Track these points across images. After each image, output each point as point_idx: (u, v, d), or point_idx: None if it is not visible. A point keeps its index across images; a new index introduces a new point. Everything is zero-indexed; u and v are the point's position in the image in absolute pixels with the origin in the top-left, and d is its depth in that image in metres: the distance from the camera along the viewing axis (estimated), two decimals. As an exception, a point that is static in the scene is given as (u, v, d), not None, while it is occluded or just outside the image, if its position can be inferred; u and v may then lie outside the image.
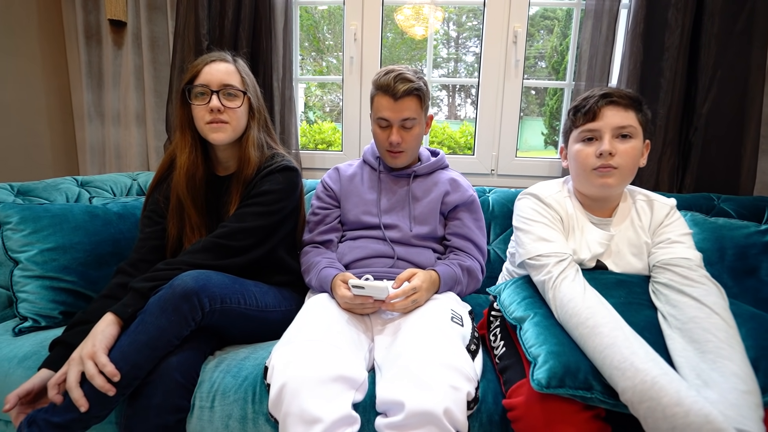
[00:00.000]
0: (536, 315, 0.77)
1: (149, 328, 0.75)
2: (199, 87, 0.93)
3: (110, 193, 1.39)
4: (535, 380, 0.65)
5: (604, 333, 0.65)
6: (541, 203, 0.89)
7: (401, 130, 1.02)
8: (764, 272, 1.07)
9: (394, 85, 0.97)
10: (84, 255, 1.06)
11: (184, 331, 0.78)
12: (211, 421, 0.80)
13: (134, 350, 0.74)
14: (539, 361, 0.67)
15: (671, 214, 0.87)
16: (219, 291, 0.82)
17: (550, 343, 0.68)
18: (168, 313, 0.76)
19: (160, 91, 1.63)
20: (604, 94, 0.84)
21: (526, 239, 0.87)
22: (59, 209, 1.08)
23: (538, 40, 6.66)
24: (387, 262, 1.04)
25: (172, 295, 0.77)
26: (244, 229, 0.92)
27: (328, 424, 0.66)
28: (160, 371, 0.75)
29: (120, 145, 1.70)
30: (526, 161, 1.64)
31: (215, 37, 1.52)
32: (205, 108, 0.93)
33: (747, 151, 1.38)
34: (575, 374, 0.64)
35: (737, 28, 1.34)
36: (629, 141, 0.83)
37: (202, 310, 0.79)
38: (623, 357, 0.61)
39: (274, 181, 0.97)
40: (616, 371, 0.61)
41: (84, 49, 1.63)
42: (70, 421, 0.70)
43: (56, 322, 1.01)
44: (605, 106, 0.84)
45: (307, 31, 3.67)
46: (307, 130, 3.45)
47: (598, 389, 0.63)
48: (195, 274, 0.80)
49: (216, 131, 0.94)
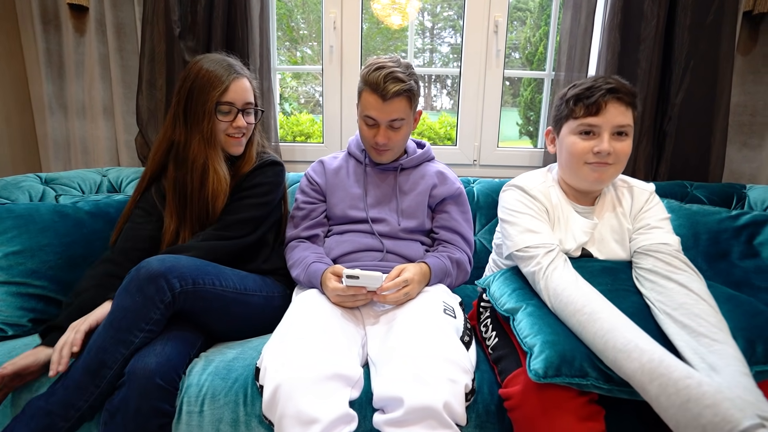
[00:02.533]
0: (528, 305, 0.78)
1: (114, 309, 0.77)
2: (226, 105, 0.97)
3: (78, 190, 1.30)
4: (532, 370, 0.65)
5: (604, 318, 0.66)
6: (527, 195, 0.90)
7: (388, 130, 0.99)
8: (735, 255, 1.12)
9: (384, 85, 0.92)
10: (54, 258, 0.99)
11: (151, 313, 0.77)
12: (200, 426, 0.77)
13: (101, 332, 0.75)
14: (535, 351, 0.68)
15: (650, 200, 0.89)
16: (189, 272, 0.81)
17: (545, 333, 0.69)
18: (132, 294, 0.76)
19: (128, 82, 1.54)
20: (612, 89, 0.81)
21: (513, 231, 0.87)
22: (24, 209, 1.01)
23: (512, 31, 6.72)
24: (376, 255, 1.03)
25: (137, 277, 0.77)
26: (239, 220, 0.98)
27: (326, 424, 0.64)
28: (137, 373, 0.72)
29: (86, 139, 1.60)
30: (507, 151, 1.65)
31: (187, 24, 1.44)
32: (229, 124, 0.99)
33: (716, 139, 1.44)
34: (571, 362, 0.65)
35: (708, 20, 1.38)
36: (625, 139, 0.84)
37: (172, 291, 0.78)
38: (627, 339, 0.62)
39: (264, 175, 1.04)
40: (620, 354, 0.62)
41: (41, 36, 1.51)
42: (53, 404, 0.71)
43: (25, 330, 0.95)
44: (611, 102, 0.81)
45: (280, 20, 3.56)
46: (284, 122, 3.36)
47: (593, 376, 0.65)
48: (162, 257, 0.81)
49: (236, 145, 1.02)
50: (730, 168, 1.54)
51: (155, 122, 1.49)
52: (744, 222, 1.13)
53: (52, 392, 0.73)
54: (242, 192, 1.02)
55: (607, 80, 0.83)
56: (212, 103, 0.95)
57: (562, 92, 0.90)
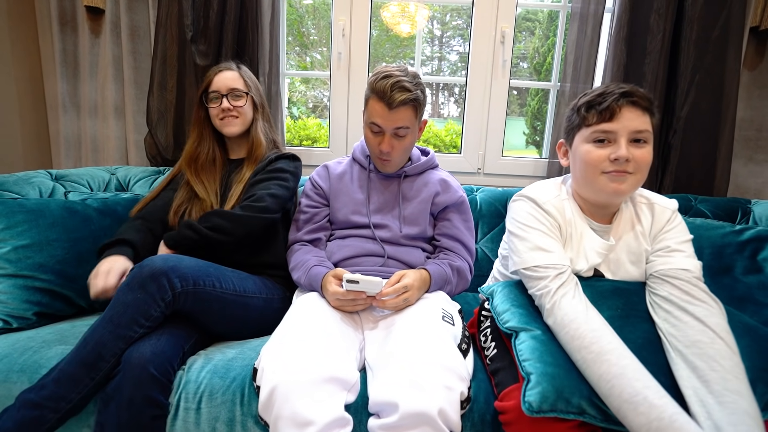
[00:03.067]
0: (533, 329, 0.74)
1: (115, 304, 0.78)
2: (212, 93, 1.15)
3: (87, 187, 1.33)
4: (526, 402, 0.63)
5: (612, 361, 0.63)
6: (539, 208, 0.83)
7: (393, 138, 0.99)
8: (738, 270, 1.11)
9: (390, 93, 0.93)
10: (62, 252, 1.01)
11: (152, 310, 0.78)
12: (197, 424, 0.78)
13: (100, 325, 0.76)
14: (532, 381, 0.65)
15: (672, 219, 0.83)
16: (191, 272, 0.83)
17: (545, 363, 0.66)
18: (134, 291, 0.78)
19: (140, 83, 1.57)
20: (625, 93, 0.76)
21: (522, 247, 0.81)
22: (35, 204, 1.03)
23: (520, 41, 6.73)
24: (377, 261, 1.04)
25: (140, 274, 0.79)
26: (270, 194, 1.05)
27: (321, 426, 0.65)
28: (131, 362, 0.74)
29: (97, 138, 1.63)
30: (512, 160, 1.66)
31: (199, 28, 1.47)
32: (218, 108, 1.14)
33: (722, 153, 1.44)
34: (568, 399, 0.63)
35: (714, 35, 1.39)
36: (644, 146, 0.77)
37: (173, 291, 0.79)
38: (635, 390, 0.59)
39: (286, 163, 1.14)
40: (627, 405, 0.59)
41: (58, 37, 1.55)
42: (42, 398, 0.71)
43: (29, 323, 0.96)
44: (625, 106, 0.76)
45: (291, 26, 3.61)
46: (291, 125, 3.40)
47: (590, 414, 0.63)
48: (165, 257, 0.83)
49: (228, 125, 1.15)
50: (736, 183, 1.53)
51: (164, 123, 1.52)
52: (748, 237, 1.12)
53: (43, 386, 0.73)
54: (267, 174, 1.11)
55: (619, 85, 0.78)
56: (201, 92, 1.17)
57: (572, 103, 0.85)
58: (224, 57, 1.48)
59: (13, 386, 0.81)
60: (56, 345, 0.87)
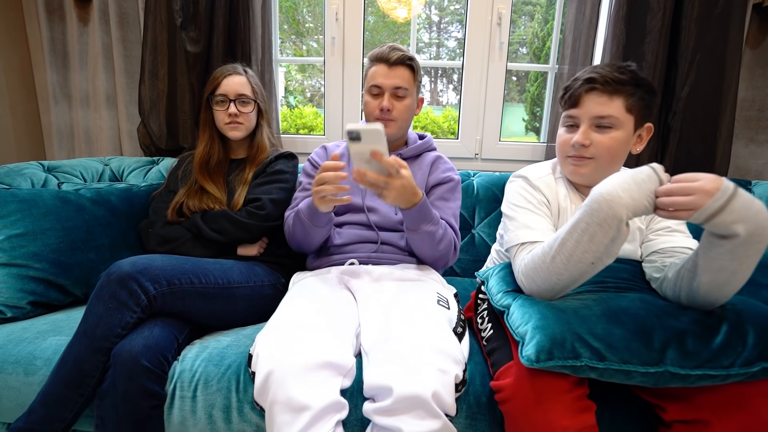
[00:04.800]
0: (519, 297, 0.76)
1: (87, 316, 0.76)
2: (219, 96, 1.14)
3: (80, 178, 1.31)
4: (524, 357, 0.64)
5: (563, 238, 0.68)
6: (530, 185, 0.87)
7: (393, 98, 1.03)
8: (737, 252, 1.10)
9: (388, 53, 1.01)
10: (56, 241, 1.01)
11: (127, 317, 0.76)
12: (193, 411, 0.78)
13: (75, 340, 0.75)
14: (526, 338, 0.66)
15: None
16: (163, 273, 0.81)
17: (534, 319, 0.67)
18: (104, 300, 0.76)
19: (131, 71, 1.54)
20: (588, 78, 0.79)
21: (511, 226, 0.84)
22: (27, 194, 1.02)
23: (520, 26, 6.64)
24: (371, 247, 1.03)
25: (108, 282, 0.77)
26: (272, 199, 1.08)
27: (316, 411, 0.65)
28: (123, 356, 0.73)
29: (90, 128, 1.61)
30: (509, 145, 1.64)
31: (189, 14, 1.44)
32: (224, 113, 1.14)
33: (722, 135, 1.41)
34: (562, 344, 0.63)
35: (716, 12, 1.35)
36: (608, 132, 0.79)
37: (146, 294, 0.77)
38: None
39: (285, 164, 1.16)
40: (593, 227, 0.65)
41: (46, 25, 1.53)
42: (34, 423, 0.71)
43: (24, 312, 0.96)
44: (586, 93, 0.79)
45: (286, 13, 3.55)
46: (288, 114, 3.37)
47: (586, 355, 0.63)
48: (133, 259, 0.80)
49: (233, 130, 1.15)
50: (737, 164, 1.51)
51: (157, 112, 1.50)
52: (747, 218, 1.11)
53: (31, 411, 0.72)
54: (268, 176, 1.13)
55: (594, 70, 0.80)
56: (208, 94, 1.16)
57: None
58: (215, 44, 1.46)
59: (8, 377, 0.81)
60: (51, 336, 0.87)
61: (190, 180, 1.15)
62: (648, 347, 0.63)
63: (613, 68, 0.79)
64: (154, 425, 0.75)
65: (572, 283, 0.71)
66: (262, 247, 1.11)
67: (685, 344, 0.63)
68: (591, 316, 0.67)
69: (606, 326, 0.65)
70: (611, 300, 0.71)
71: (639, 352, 0.63)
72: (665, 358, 0.63)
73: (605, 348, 0.63)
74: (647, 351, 0.63)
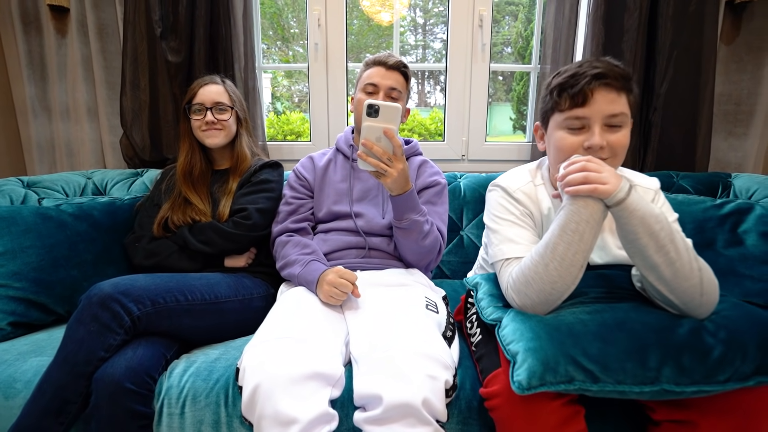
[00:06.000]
0: (512, 311, 0.73)
1: (67, 342, 0.73)
2: (196, 105, 1.14)
3: (62, 193, 1.29)
4: (515, 382, 0.62)
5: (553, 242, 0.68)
6: (509, 197, 0.83)
7: (387, 99, 1.05)
8: (720, 244, 1.12)
9: (387, 57, 1.07)
10: (37, 259, 0.98)
11: (110, 340, 0.74)
12: (182, 428, 0.77)
13: (54, 368, 0.72)
14: (518, 360, 0.64)
15: (656, 200, 0.81)
16: (147, 293, 0.79)
17: (526, 339, 0.65)
18: (86, 324, 0.73)
19: (112, 83, 1.52)
20: (598, 74, 0.71)
21: (495, 239, 0.81)
22: (6, 211, 1.00)
23: (504, 27, 6.69)
24: (359, 252, 1.03)
25: (89, 304, 0.74)
26: (258, 209, 1.07)
27: (305, 424, 0.64)
28: (105, 381, 0.71)
29: (71, 141, 1.58)
30: (495, 146, 1.65)
31: (169, 23, 1.43)
32: (201, 121, 1.13)
33: (702, 129, 1.44)
34: (555, 369, 0.61)
35: (690, 10, 1.38)
36: (620, 130, 0.73)
37: (129, 315, 0.76)
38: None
39: (270, 173, 1.16)
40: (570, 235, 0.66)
41: (22, 38, 1.50)
42: None
43: (5, 333, 0.94)
44: (598, 89, 0.71)
45: (270, 19, 3.53)
46: (275, 121, 3.35)
47: (579, 378, 0.61)
48: (116, 280, 0.79)
49: (210, 137, 1.14)
50: (717, 157, 1.54)
51: (140, 123, 1.48)
52: (728, 210, 1.13)
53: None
54: (253, 186, 1.12)
55: (593, 64, 0.73)
56: (185, 103, 1.16)
57: (546, 81, 0.80)
58: (197, 53, 1.44)
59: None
60: (31, 357, 0.85)
61: (174, 193, 1.13)
62: (644, 366, 0.61)
63: (610, 63, 0.73)
64: None
65: (565, 291, 0.69)
66: (250, 258, 1.10)
67: (682, 360, 0.61)
68: (585, 334, 0.65)
69: (601, 345, 0.63)
70: (605, 313, 0.69)
71: (634, 372, 0.61)
72: (661, 377, 0.61)
73: (600, 370, 0.61)
74: (643, 370, 0.61)
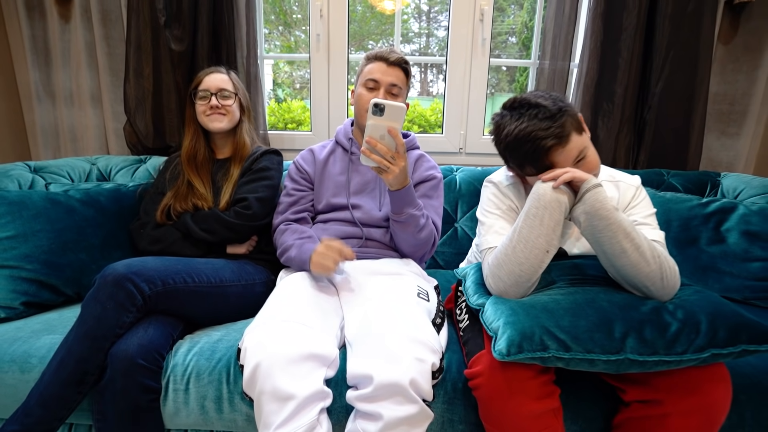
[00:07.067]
0: (494, 296, 0.80)
1: (87, 319, 0.78)
2: (201, 92, 1.18)
3: (67, 178, 1.33)
4: (496, 351, 0.68)
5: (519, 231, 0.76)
6: (499, 192, 0.90)
7: (387, 95, 1.07)
8: (703, 241, 1.16)
9: (388, 53, 1.08)
10: (47, 242, 1.03)
11: (124, 317, 0.79)
12: (186, 403, 0.82)
13: (75, 342, 0.77)
14: (498, 334, 0.71)
15: (637, 195, 0.87)
16: (157, 274, 0.84)
17: (505, 315, 0.72)
18: (102, 302, 0.78)
19: (115, 69, 1.54)
20: (555, 135, 0.75)
21: (482, 230, 0.89)
22: (17, 196, 1.04)
23: (509, 15, 6.61)
24: (356, 242, 1.07)
25: (104, 284, 0.79)
26: (258, 198, 1.11)
27: (301, 399, 0.69)
28: (119, 356, 0.76)
29: (75, 127, 1.61)
30: (492, 140, 1.67)
31: (172, 12, 1.44)
32: (206, 105, 1.18)
33: (695, 128, 1.47)
34: (531, 338, 0.68)
35: (689, 10, 1.39)
36: (588, 157, 0.79)
37: (142, 294, 0.81)
38: None
39: (270, 161, 1.19)
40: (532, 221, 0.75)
41: (26, 23, 1.51)
42: (31, 425, 0.74)
43: (17, 312, 0.98)
44: (556, 148, 0.76)
45: (273, 4, 3.51)
46: (276, 108, 3.35)
47: (552, 347, 0.67)
48: (128, 261, 0.84)
49: (214, 121, 1.18)
50: (709, 156, 1.57)
51: (143, 110, 1.51)
52: (713, 209, 1.17)
53: (27, 413, 0.74)
54: (253, 174, 1.15)
55: (534, 132, 0.76)
56: (191, 90, 1.20)
57: (496, 141, 0.84)
58: (200, 42, 1.46)
59: (4, 375, 0.84)
60: (44, 335, 0.90)
61: (177, 181, 1.17)
62: (609, 337, 0.68)
63: (545, 116, 0.76)
64: (152, 416, 0.80)
65: (532, 274, 0.75)
66: (251, 245, 1.14)
67: (644, 333, 0.68)
68: (558, 310, 0.72)
69: (572, 319, 0.70)
70: (577, 294, 0.76)
71: (601, 342, 0.68)
72: (625, 347, 0.67)
73: (571, 339, 0.68)
74: (609, 341, 0.68)
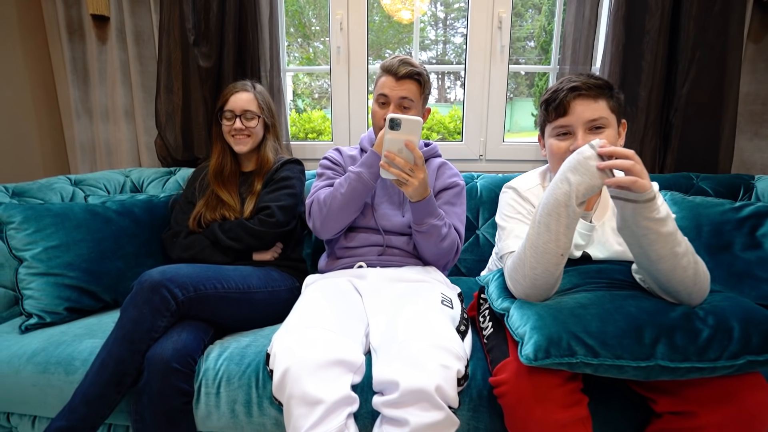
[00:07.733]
0: (518, 300, 0.79)
1: (125, 323, 0.83)
2: (227, 112, 1.22)
3: (104, 190, 1.40)
4: (523, 356, 0.68)
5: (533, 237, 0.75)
6: (519, 197, 0.92)
7: (398, 109, 1.07)
8: (737, 247, 1.12)
9: (397, 66, 1.06)
10: (87, 251, 1.09)
11: (159, 321, 0.84)
12: (217, 406, 0.85)
13: (114, 345, 0.82)
14: (525, 339, 0.70)
15: None
16: (190, 280, 0.89)
17: (532, 320, 0.72)
18: (139, 307, 0.83)
19: (147, 86, 1.62)
20: (573, 87, 0.83)
21: (503, 235, 0.90)
22: (60, 208, 1.11)
23: (527, 20, 6.57)
24: (377, 250, 1.08)
25: (141, 290, 0.84)
26: (280, 206, 1.14)
27: (329, 404, 0.70)
28: (155, 360, 0.81)
29: (110, 141, 1.70)
30: (513, 145, 1.67)
31: (201, 31, 1.51)
32: (230, 127, 1.22)
33: (725, 130, 1.43)
34: (558, 343, 0.67)
35: (715, 9, 1.36)
36: (602, 132, 0.83)
37: (175, 300, 0.85)
38: None
39: (291, 170, 1.23)
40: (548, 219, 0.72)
41: (67, 45, 1.62)
42: (76, 421, 0.78)
43: (61, 317, 1.04)
44: (574, 100, 0.83)
45: (292, 17, 3.61)
46: (296, 119, 3.43)
47: (581, 353, 0.66)
48: (162, 269, 0.88)
49: (238, 144, 1.23)
50: (741, 158, 1.52)
51: (173, 125, 1.58)
52: (747, 213, 1.13)
53: (72, 410, 0.79)
54: (275, 184, 1.20)
55: (571, 79, 0.85)
56: (218, 110, 1.24)
57: (540, 98, 0.92)
58: (226, 58, 1.52)
59: (51, 377, 0.89)
60: (86, 339, 0.95)
61: (207, 192, 1.22)
62: (639, 343, 0.67)
63: (587, 76, 0.85)
64: (186, 418, 0.84)
65: (548, 278, 0.74)
66: (276, 252, 1.18)
67: (674, 339, 0.67)
68: (586, 315, 0.71)
69: (600, 324, 0.69)
70: (605, 299, 0.75)
71: (631, 348, 0.66)
72: (655, 353, 0.66)
73: (599, 345, 0.67)
74: (638, 346, 0.67)
